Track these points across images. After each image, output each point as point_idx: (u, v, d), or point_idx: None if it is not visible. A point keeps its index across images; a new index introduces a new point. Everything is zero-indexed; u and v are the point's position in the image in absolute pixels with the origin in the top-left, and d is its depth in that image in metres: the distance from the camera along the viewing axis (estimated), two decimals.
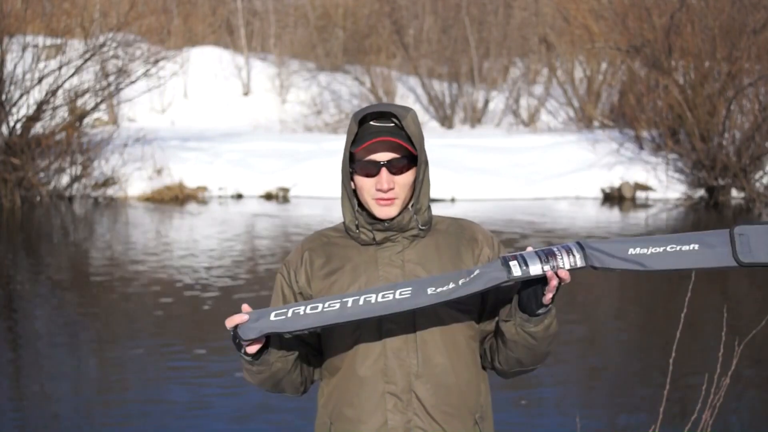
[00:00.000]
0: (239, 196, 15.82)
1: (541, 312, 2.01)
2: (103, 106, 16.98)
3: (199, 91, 23.66)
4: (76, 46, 16.11)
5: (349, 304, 1.96)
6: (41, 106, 15.13)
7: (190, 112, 23.01)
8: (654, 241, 1.97)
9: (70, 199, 15.28)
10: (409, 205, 2.11)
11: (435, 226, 2.18)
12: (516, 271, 1.94)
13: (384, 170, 2.06)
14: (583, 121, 20.79)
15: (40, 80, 15.19)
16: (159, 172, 15.82)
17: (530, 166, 16.36)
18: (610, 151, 16.66)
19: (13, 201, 14.60)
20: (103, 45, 15.86)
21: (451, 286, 1.96)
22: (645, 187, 15.71)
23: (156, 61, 16.87)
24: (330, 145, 17.15)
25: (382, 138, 2.04)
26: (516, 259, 1.95)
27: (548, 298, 1.97)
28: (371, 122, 2.08)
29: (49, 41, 16.08)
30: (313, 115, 22.98)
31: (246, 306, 2.01)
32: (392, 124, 2.08)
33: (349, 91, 23.67)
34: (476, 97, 22.60)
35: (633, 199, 15.59)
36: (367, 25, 24.21)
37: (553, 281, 1.94)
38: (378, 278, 2.09)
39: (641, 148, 16.62)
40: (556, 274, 1.93)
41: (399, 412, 2.06)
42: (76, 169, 15.24)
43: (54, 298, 8.77)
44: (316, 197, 15.14)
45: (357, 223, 2.12)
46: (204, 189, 15.85)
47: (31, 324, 7.78)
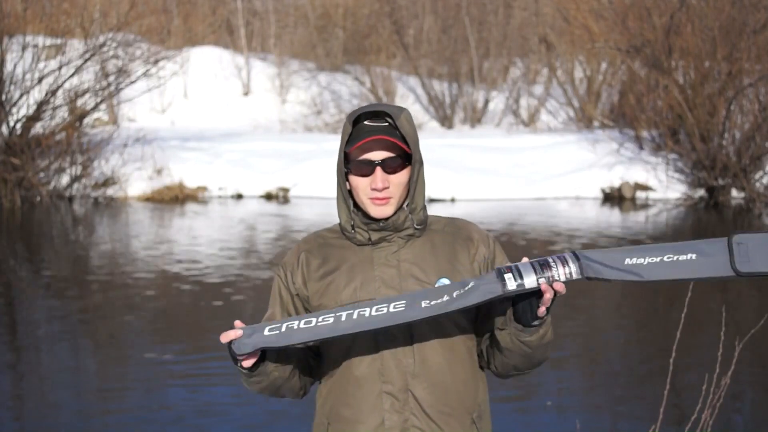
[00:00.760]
0: (239, 196, 15.82)
1: (536, 324, 1.99)
2: (103, 106, 17.00)
3: (199, 91, 23.67)
4: (76, 46, 16.12)
5: (342, 318, 1.97)
6: (41, 106, 15.13)
7: (190, 112, 23.02)
8: (651, 251, 1.95)
9: (70, 199, 15.28)
10: (405, 205, 2.11)
11: (430, 226, 2.17)
12: (510, 285, 1.92)
13: (378, 169, 2.06)
14: (583, 121, 20.80)
15: (40, 80, 15.19)
16: (159, 172, 15.83)
17: (530, 166, 16.36)
18: (610, 151, 16.66)
19: (13, 201, 14.60)
20: (103, 45, 15.87)
21: (446, 298, 1.95)
22: (645, 187, 15.71)
23: (156, 61, 16.88)
24: (330, 145, 17.15)
25: (376, 137, 2.04)
26: (511, 271, 1.93)
27: (542, 311, 1.96)
28: (365, 122, 2.08)
29: (49, 41, 16.08)
30: (313, 115, 22.99)
31: (238, 322, 2.02)
32: (386, 123, 2.08)
33: (349, 91, 23.67)
34: (476, 97, 22.60)
35: (633, 199, 15.59)
36: (367, 25, 24.21)
37: (547, 294, 1.92)
38: (374, 278, 2.09)
39: (641, 148, 16.62)
40: (551, 287, 1.92)
41: (396, 411, 2.06)
42: (76, 169, 15.24)
43: (54, 298, 8.76)
44: (316, 197, 15.14)
45: (353, 223, 2.12)
46: (204, 189, 15.86)
47: (30, 324, 7.78)
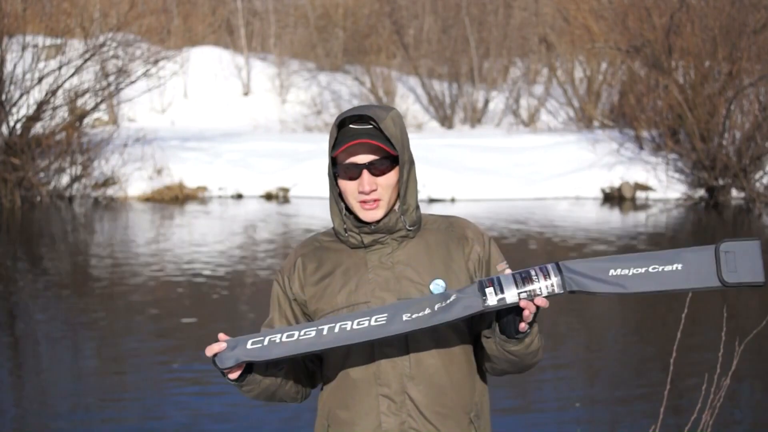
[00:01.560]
0: (239, 196, 15.82)
1: (518, 336, 1.99)
2: (103, 106, 16.99)
3: (199, 91, 23.66)
4: (76, 46, 16.11)
5: (324, 332, 1.97)
6: (41, 106, 15.13)
7: (190, 112, 23.02)
8: (636, 260, 1.92)
9: (70, 199, 15.28)
10: (396, 206, 2.11)
11: (425, 226, 2.16)
12: (491, 300, 1.90)
13: (365, 172, 2.06)
14: (583, 121, 20.80)
15: (40, 80, 15.19)
16: (159, 172, 15.83)
17: (530, 166, 16.36)
18: (610, 151, 16.66)
19: (13, 201, 14.60)
20: (103, 45, 15.87)
21: (427, 312, 1.94)
22: (645, 187, 15.71)
23: (156, 61, 16.87)
24: None
25: (360, 140, 2.03)
26: (492, 285, 1.91)
27: (523, 327, 1.95)
28: (350, 125, 2.07)
29: (49, 41, 16.07)
30: (313, 115, 22.98)
31: (222, 335, 2.03)
32: (371, 126, 2.06)
33: (349, 91, 23.67)
34: (476, 97, 22.61)
35: (633, 199, 15.59)
36: (367, 25, 24.21)
37: (526, 311, 1.91)
38: (368, 281, 2.09)
39: (641, 148, 16.62)
40: (532, 302, 1.90)
41: (393, 414, 2.06)
42: (76, 169, 15.24)
43: (54, 298, 8.76)
44: (316, 197, 15.14)
45: (345, 226, 2.11)
46: (204, 189, 15.86)
47: (30, 324, 7.78)
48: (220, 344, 2.00)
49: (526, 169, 16.26)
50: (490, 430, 2.20)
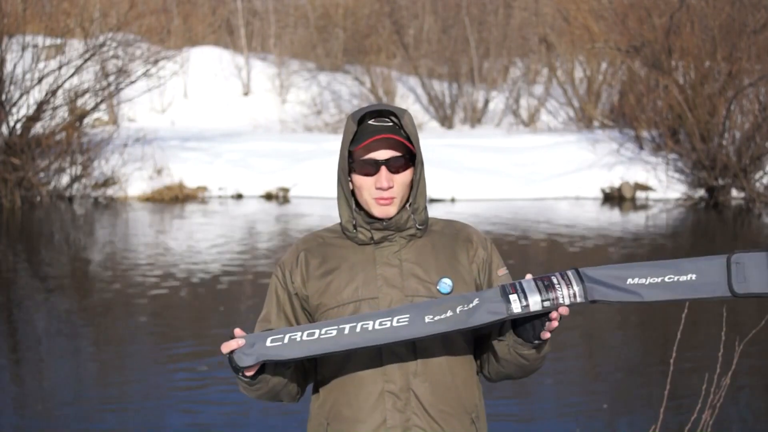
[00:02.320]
0: (239, 196, 15.82)
1: (537, 343, 2.00)
2: (103, 106, 16.98)
3: (199, 91, 23.66)
4: (76, 46, 16.11)
5: (346, 331, 1.94)
6: (41, 106, 15.12)
7: (190, 112, 23.01)
8: (652, 268, 1.94)
9: (70, 199, 15.28)
10: (407, 205, 2.12)
11: (430, 227, 2.18)
12: (516, 307, 1.91)
13: (384, 168, 2.07)
14: (583, 121, 20.79)
15: (40, 80, 15.18)
16: (159, 172, 15.82)
17: (530, 166, 16.36)
18: (610, 151, 16.66)
19: (13, 201, 14.59)
20: (103, 45, 15.86)
21: (449, 314, 1.94)
22: (645, 187, 15.71)
23: (156, 61, 16.87)
24: (330, 145, 17.14)
25: (382, 135, 2.05)
26: (516, 291, 1.92)
27: (546, 336, 1.97)
28: (370, 121, 2.08)
29: (49, 41, 16.07)
30: (313, 115, 22.98)
31: (238, 330, 1.99)
32: (390, 123, 2.08)
33: (349, 91, 23.67)
34: (476, 97, 22.60)
35: (633, 199, 15.59)
36: (367, 25, 24.21)
37: (555, 323, 1.93)
38: (375, 277, 2.09)
39: (641, 148, 16.62)
40: (556, 310, 1.92)
41: (398, 411, 2.06)
42: (76, 169, 15.24)
43: (54, 298, 8.76)
44: (316, 197, 15.14)
45: (354, 222, 2.11)
46: (204, 189, 15.85)
47: (30, 324, 7.78)
48: (238, 341, 1.96)
49: (526, 169, 16.26)
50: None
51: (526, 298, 1.91)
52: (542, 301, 1.90)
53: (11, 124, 14.97)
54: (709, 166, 14.99)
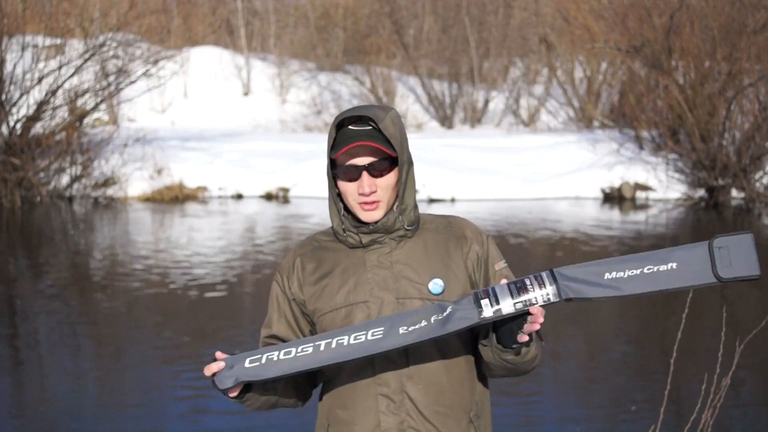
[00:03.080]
0: (239, 196, 15.82)
1: (515, 346, 1.98)
2: (103, 106, 16.98)
3: (199, 91, 23.66)
4: (76, 46, 16.11)
5: (321, 348, 1.97)
6: (41, 106, 15.12)
7: (190, 112, 23.01)
8: (630, 261, 1.91)
9: (70, 199, 15.28)
10: (394, 207, 2.10)
11: (424, 226, 2.17)
12: (487, 312, 1.90)
13: (365, 174, 2.06)
14: (583, 121, 20.80)
15: (40, 80, 15.18)
16: (159, 172, 15.82)
17: (530, 166, 16.36)
18: (610, 151, 16.66)
19: (13, 201, 14.59)
20: (103, 45, 15.86)
21: (423, 324, 1.94)
22: (645, 187, 15.71)
23: (156, 61, 16.87)
24: None
25: (360, 143, 2.03)
26: (488, 296, 1.91)
27: (524, 338, 1.94)
28: (349, 126, 2.07)
29: (49, 41, 16.07)
30: (313, 115, 22.98)
31: (219, 353, 2.02)
32: (370, 127, 2.06)
33: (349, 91, 23.67)
34: (476, 97, 22.60)
35: (633, 199, 15.59)
36: (367, 25, 24.21)
37: (536, 325, 1.90)
38: (366, 280, 2.09)
39: (641, 148, 16.62)
40: (528, 312, 1.90)
41: (392, 413, 2.06)
42: (76, 169, 15.24)
43: (54, 299, 8.76)
44: (316, 197, 15.13)
45: (344, 226, 2.12)
46: (204, 189, 15.85)
47: (30, 324, 7.78)
48: (219, 363, 2.00)
49: (526, 169, 16.26)
50: (490, 430, 2.20)
51: (497, 302, 1.90)
52: (514, 304, 1.89)
53: (11, 124, 14.96)
54: (709, 166, 14.99)
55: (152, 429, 5.22)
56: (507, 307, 1.89)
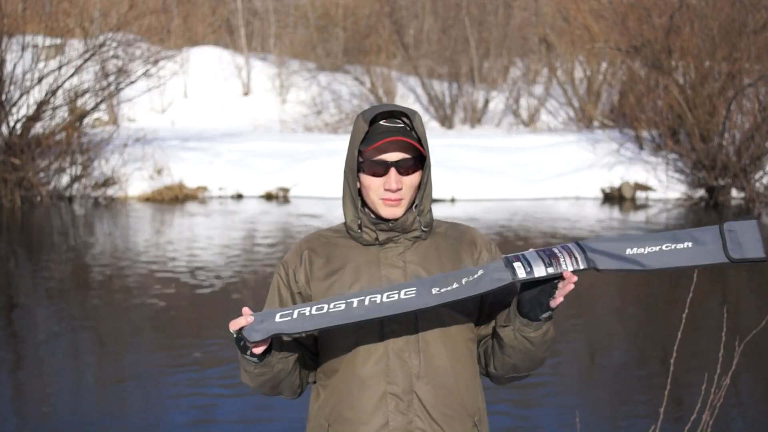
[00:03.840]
0: (239, 196, 15.82)
1: (544, 317, 2.00)
2: (103, 106, 16.99)
3: (199, 91, 23.66)
4: (76, 46, 16.11)
5: (354, 305, 1.96)
6: (41, 106, 15.13)
7: (190, 112, 23.02)
8: (650, 240, 2.00)
9: (70, 199, 15.28)
10: (413, 207, 2.12)
11: (435, 229, 2.19)
12: (521, 273, 1.94)
13: (393, 170, 2.06)
14: (583, 121, 20.80)
15: (40, 80, 15.19)
16: (159, 172, 15.82)
17: (530, 166, 16.36)
18: (610, 151, 16.66)
19: (13, 201, 14.59)
20: (103, 45, 15.86)
21: (455, 286, 1.96)
22: (645, 187, 15.71)
23: (156, 61, 16.87)
24: (330, 145, 17.15)
25: (394, 138, 2.04)
26: (519, 260, 1.96)
27: (557, 302, 1.97)
28: (381, 122, 2.08)
29: (49, 41, 16.07)
30: (313, 115, 22.98)
31: (246, 309, 1.99)
32: (402, 124, 2.08)
33: (349, 91, 23.67)
34: (476, 97, 22.60)
35: (633, 199, 15.59)
36: (367, 25, 24.22)
37: (569, 286, 1.94)
38: (380, 278, 2.09)
39: (641, 148, 16.62)
40: (562, 275, 1.94)
41: (400, 413, 2.06)
42: (76, 169, 15.24)
43: (54, 298, 8.76)
44: (316, 197, 15.14)
45: (359, 222, 2.11)
46: (204, 189, 15.85)
47: (30, 324, 7.78)
48: (247, 317, 1.97)
49: (526, 169, 16.26)
50: None
51: (530, 266, 1.95)
52: (546, 267, 1.94)
53: (11, 124, 14.97)
54: (709, 166, 14.99)
55: (153, 428, 5.22)
56: (539, 270, 1.94)
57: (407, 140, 2.04)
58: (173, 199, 15.51)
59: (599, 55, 20.34)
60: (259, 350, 1.99)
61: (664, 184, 15.62)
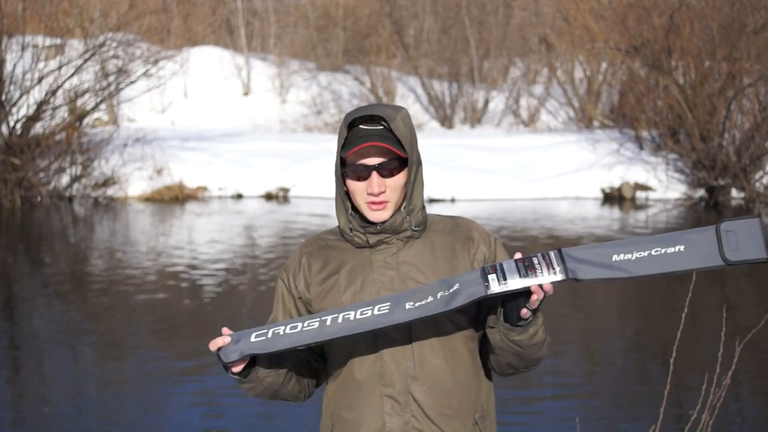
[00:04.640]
0: (239, 196, 15.82)
1: (522, 324, 1.99)
2: (103, 106, 16.98)
3: (199, 91, 23.65)
4: (75, 46, 16.11)
5: (327, 323, 1.97)
6: (41, 106, 15.12)
7: (190, 112, 23.01)
8: (638, 244, 1.92)
9: (70, 199, 15.28)
10: (402, 207, 2.10)
11: (431, 226, 2.17)
12: (494, 287, 1.91)
13: (374, 174, 2.05)
14: (583, 121, 20.79)
15: (40, 80, 15.18)
16: (159, 172, 15.82)
17: (530, 166, 16.36)
18: (610, 151, 16.66)
19: (13, 201, 14.59)
20: (103, 45, 15.86)
21: (430, 300, 1.95)
22: (645, 187, 15.71)
23: (156, 61, 16.86)
24: (330, 145, 17.14)
25: (371, 143, 2.03)
26: (495, 272, 1.92)
27: (525, 313, 1.95)
28: (361, 125, 2.07)
29: (48, 41, 16.07)
30: (313, 115, 22.98)
31: (226, 329, 2.03)
32: (381, 126, 2.06)
33: (349, 91, 23.66)
34: (476, 97, 22.59)
35: (633, 199, 15.59)
36: (367, 25, 24.21)
37: (535, 296, 1.92)
38: (373, 281, 2.09)
39: (641, 148, 16.62)
40: (540, 288, 1.91)
41: (397, 414, 2.07)
42: (76, 169, 15.23)
43: (53, 299, 8.76)
44: (316, 197, 15.14)
45: (351, 226, 2.11)
46: (204, 189, 15.85)
47: (30, 324, 7.78)
48: (224, 338, 2.00)
49: (526, 169, 16.26)
50: (495, 430, 2.20)
51: (504, 278, 1.91)
52: (521, 278, 1.90)
53: (11, 124, 14.96)
54: (709, 166, 14.99)
55: (153, 427, 5.22)
56: (514, 283, 1.91)
57: (385, 145, 2.03)
58: (173, 199, 15.51)
59: (599, 55, 20.33)
60: (237, 369, 2.02)
61: (664, 184, 15.61)
